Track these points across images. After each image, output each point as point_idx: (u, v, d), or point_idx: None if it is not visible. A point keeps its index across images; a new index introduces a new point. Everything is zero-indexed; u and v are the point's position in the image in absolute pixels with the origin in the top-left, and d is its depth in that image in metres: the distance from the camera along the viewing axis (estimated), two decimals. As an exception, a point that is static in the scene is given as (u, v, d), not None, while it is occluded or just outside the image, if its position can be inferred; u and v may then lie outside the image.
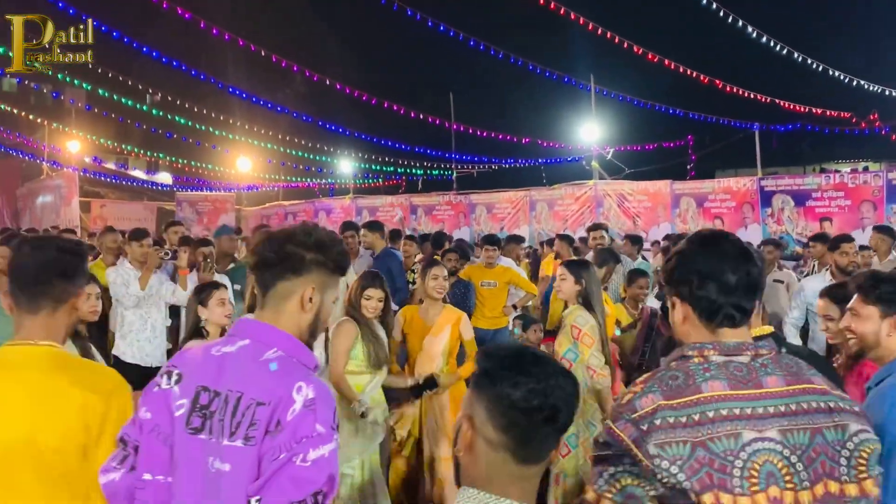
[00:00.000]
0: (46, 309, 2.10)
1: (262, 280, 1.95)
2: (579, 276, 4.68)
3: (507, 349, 1.61)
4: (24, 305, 2.11)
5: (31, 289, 2.11)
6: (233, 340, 1.89)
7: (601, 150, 20.12)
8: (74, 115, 28.67)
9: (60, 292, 2.13)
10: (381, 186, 29.18)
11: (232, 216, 25.33)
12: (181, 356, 1.97)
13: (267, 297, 1.95)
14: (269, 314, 1.93)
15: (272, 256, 1.93)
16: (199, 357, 1.90)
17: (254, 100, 23.51)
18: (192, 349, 1.98)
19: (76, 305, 2.18)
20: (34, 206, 25.60)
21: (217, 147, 28.16)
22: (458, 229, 18.09)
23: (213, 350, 1.89)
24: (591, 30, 16.80)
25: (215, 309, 4.08)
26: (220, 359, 1.85)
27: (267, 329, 1.90)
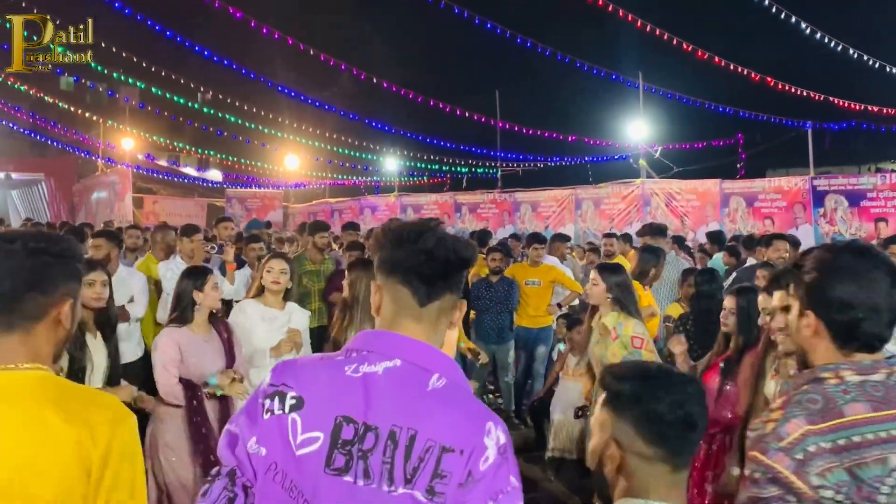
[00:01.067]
0: (21, 327, 1.64)
1: (425, 285, 1.58)
2: (610, 280, 4.67)
3: (633, 369, 1.71)
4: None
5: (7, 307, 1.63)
6: (372, 359, 1.53)
7: (649, 148, 19.91)
8: (128, 112, 29.39)
9: (34, 308, 1.64)
10: (425, 184, 29.32)
11: (280, 213, 25.73)
12: (289, 372, 1.59)
13: (425, 309, 1.59)
14: (422, 330, 1.59)
15: (453, 259, 1.59)
16: (322, 375, 1.54)
17: (302, 98, 23.84)
18: (300, 362, 1.64)
19: (60, 318, 1.68)
20: (89, 202, 26.35)
21: (266, 145, 28.60)
22: (502, 228, 18.08)
23: (345, 368, 1.53)
24: (640, 27, 16.63)
25: (210, 293, 4.24)
26: (363, 382, 1.51)
27: (425, 349, 1.56)
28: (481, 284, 7.63)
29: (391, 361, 1.52)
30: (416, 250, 1.57)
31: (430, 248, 1.57)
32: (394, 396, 1.49)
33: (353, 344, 1.60)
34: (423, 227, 1.61)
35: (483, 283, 7.64)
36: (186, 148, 31.58)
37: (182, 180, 32.49)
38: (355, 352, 1.56)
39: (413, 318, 1.58)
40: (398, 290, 1.60)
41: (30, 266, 1.63)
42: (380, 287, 1.65)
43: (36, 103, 27.16)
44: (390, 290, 1.61)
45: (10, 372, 1.60)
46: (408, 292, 1.58)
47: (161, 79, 22.82)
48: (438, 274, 1.58)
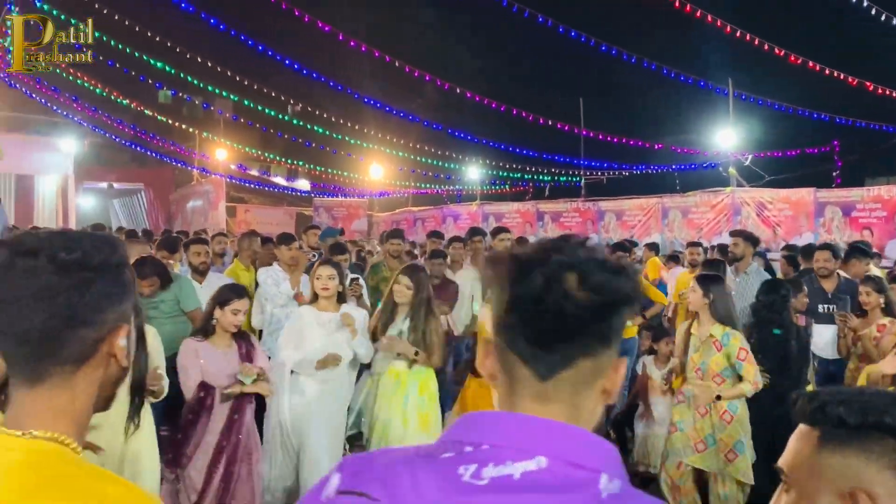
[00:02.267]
0: (55, 375, 1.11)
1: (540, 349, 1.04)
2: (707, 289, 4.72)
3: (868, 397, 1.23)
4: (16, 370, 1.12)
5: (25, 349, 1.10)
6: (501, 457, 1.00)
7: (739, 156, 19.37)
8: (222, 124, 30.51)
9: (77, 348, 1.12)
10: (508, 193, 29.30)
11: (364, 221, 26.23)
12: (369, 471, 1.04)
13: (550, 384, 1.05)
14: (558, 412, 1.05)
15: (582, 305, 1.02)
16: (423, 484, 1.00)
17: (387, 109, 24.26)
18: (383, 456, 1.06)
19: (113, 352, 1.15)
20: (185, 211, 27.51)
21: (352, 155, 29.19)
22: (586, 237, 17.92)
23: (459, 470, 0.99)
24: (729, 32, 16.22)
25: (228, 315, 4.27)
26: (490, 491, 0.97)
27: (579, 438, 1.03)
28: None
29: (531, 460, 1.00)
30: (521, 298, 1.04)
31: (536, 294, 1.03)
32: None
33: (458, 433, 1.06)
34: (538, 256, 1.05)
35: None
36: (277, 158, 32.53)
37: (272, 190, 33.45)
38: (469, 445, 1.03)
39: (534, 398, 1.06)
40: (507, 357, 1.07)
41: (65, 288, 1.10)
42: (489, 346, 1.11)
43: (136, 116, 28.52)
44: (500, 354, 1.09)
45: (11, 439, 1.08)
46: (517, 360, 1.06)
47: (253, 92, 23.63)
48: (554, 332, 1.04)
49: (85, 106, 24.45)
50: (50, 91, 22.79)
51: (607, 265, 1.04)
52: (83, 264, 1.12)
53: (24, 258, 1.10)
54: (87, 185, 26.64)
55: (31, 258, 1.10)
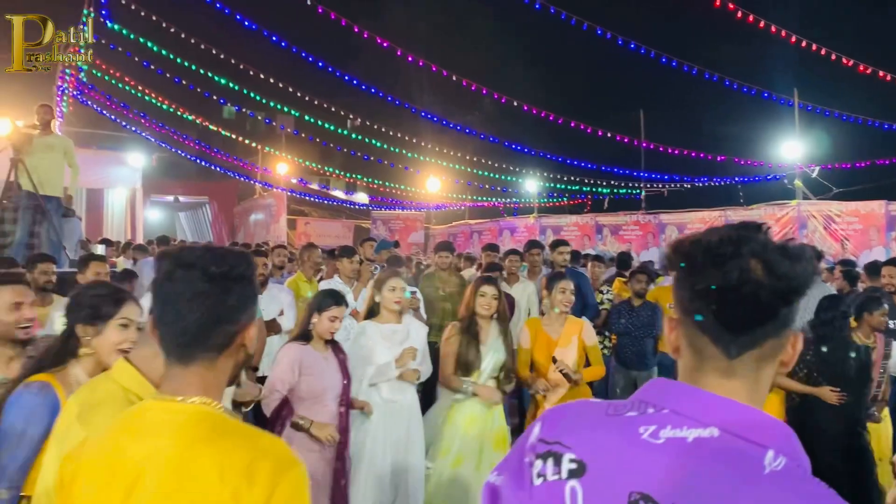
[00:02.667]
0: (202, 359, 1.49)
1: (730, 333, 1.15)
2: None
3: None
4: (172, 353, 1.50)
5: (182, 338, 1.48)
6: (677, 422, 1.14)
7: (805, 168, 18.83)
8: (284, 139, 31.11)
9: (221, 340, 1.49)
10: (565, 205, 29.08)
11: (421, 234, 26.36)
12: (565, 425, 1.23)
13: (737, 361, 1.16)
14: (736, 387, 1.16)
15: (772, 292, 1.12)
16: (610, 435, 1.17)
17: (444, 122, 24.38)
18: (578, 412, 1.25)
19: (244, 342, 1.53)
20: (248, 224, 28.10)
21: (409, 168, 29.41)
22: (646, 250, 17.64)
23: (640, 429, 1.15)
24: (794, 42, 15.82)
25: (325, 321, 4.28)
26: (668, 451, 1.11)
27: (752, 416, 1.13)
28: (623, 307, 7.48)
29: (705, 429, 1.12)
30: (717, 287, 1.13)
31: (733, 284, 1.12)
32: (714, 477, 1.07)
33: (646, 395, 1.21)
34: (728, 248, 1.14)
35: (625, 305, 7.48)
36: (336, 172, 32.98)
37: (331, 203, 33.90)
38: (651, 406, 1.18)
39: (720, 373, 1.17)
40: (698, 338, 1.18)
41: (213, 294, 1.46)
42: (675, 323, 1.24)
43: (202, 131, 29.31)
44: (687, 333, 1.21)
45: (174, 403, 1.45)
46: (708, 340, 1.17)
47: (314, 107, 24.03)
48: (749, 318, 1.14)
49: (152, 122, 25.26)
50: (119, 108, 23.64)
51: (789, 252, 1.14)
52: (227, 275, 1.48)
53: (184, 269, 1.46)
54: (155, 198, 27.40)
55: (189, 269, 1.46)
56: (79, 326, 2.56)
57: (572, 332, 5.08)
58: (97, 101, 23.10)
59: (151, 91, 22.68)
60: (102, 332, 2.56)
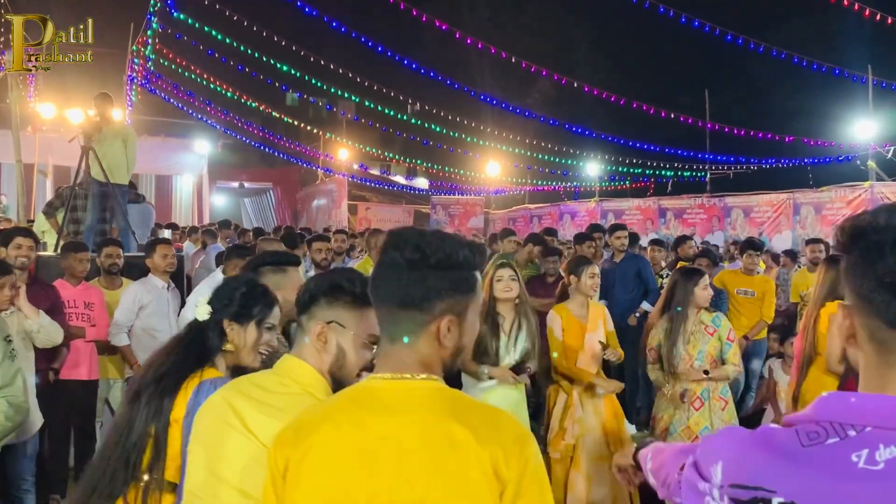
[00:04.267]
0: (419, 333, 1.50)
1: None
2: None
3: None
4: (388, 329, 1.53)
5: (396, 314, 1.51)
6: (888, 438, 1.00)
7: (879, 148, 18.09)
8: (345, 125, 31.42)
9: (415, 322, 1.50)
10: (627, 189, 28.62)
11: (481, 219, 26.34)
12: (756, 463, 1.06)
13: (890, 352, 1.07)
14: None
15: None
16: (818, 473, 1.01)
17: (503, 106, 24.25)
18: (767, 446, 1.08)
19: (439, 334, 1.51)
20: (310, 209, 28.55)
21: (468, 153, 29.38)
22: (710, 233, 17.26)
23: (851, 458, 1.00)
24: (868, 16, 15.17)
25: None
26: (888, 477, 0.98)
27: None
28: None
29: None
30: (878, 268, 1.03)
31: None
32: None
33: (832, 413, 1.06)
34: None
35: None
36: (396, 157, 33.15)
37: (392, 188, 34.12)
38: (852, 429, 1.03)
39: (873, 369, 1.08)
40: (881, 330, 1.07)
41: (410, 279, 1.48)
42: (849, 311, 1.12)
43: (265, 119, 29.83)
44: (869, 325, 1.08)
45: (406, 382, 1.47)
46: (892, 334, 1.06)
47: (374, 93, 24.18)
48: None
49: (217, 109, 25.83)
50: (185, 96, 24.24)
51: None
52: (415, 262, 1.47)
53: (392, 250, 1.49)
54: (220, 184, 28.03)
55: (395, 251, 1.49)
56: (226, 322, 2.51)
57: (598, 317, 5.04)
58: (164, 89, 23.75)
59: (216, 79, 23.19)
60: (247, 331, 2.52)
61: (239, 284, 2.60)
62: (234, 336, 2.50)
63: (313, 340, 1.91)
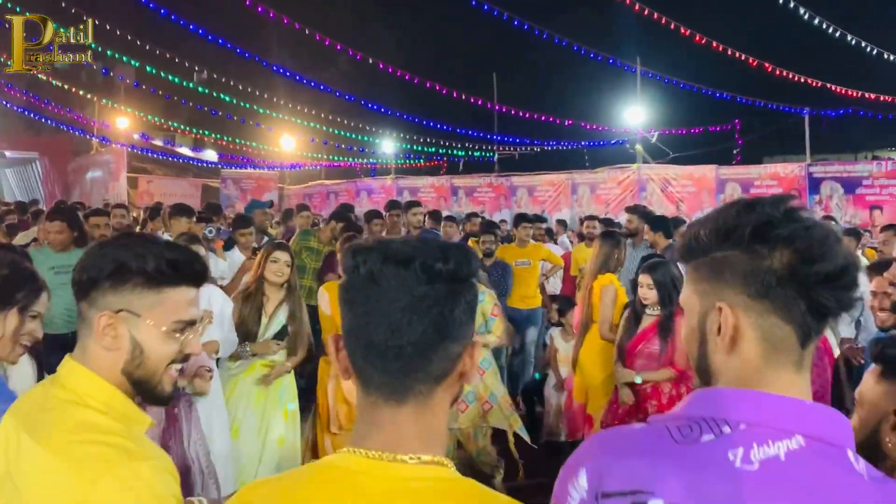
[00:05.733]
0: (418, 394, 1.06)
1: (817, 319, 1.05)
2: None
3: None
4: (378, 386, 1.06)
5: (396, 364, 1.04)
6: (762, 436, 1.00)
7: (646, 133, 19.89)
8: (123, 91, 29.23)
9: (443, 363, 1.06)
10: (422, 167, 29.24)
11: (275, 194, 25.65)
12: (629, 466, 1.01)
13: (807, 351, 1.07)
14: (802, 383, 1.07)
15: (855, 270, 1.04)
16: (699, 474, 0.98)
17: (298, 78, 23.71)
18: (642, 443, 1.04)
19: (465, 370, 1.09)
20: (84, 181, 26.25)
21: (261, 125, 28.48)
22: (498, 211, 18.07)
23: (728, 457, 0.99)
24: (638, 10, 16.56)
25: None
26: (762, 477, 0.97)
27: (827, 415, 1.05)
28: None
29: (791, 439, 1.00)
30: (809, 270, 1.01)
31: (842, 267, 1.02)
32: (825, 494, 0.98)
33: (706, 409, 1.05)
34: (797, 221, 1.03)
35: (476, 265, 7.65)
36: (181, 128, 31.44)
37: (177, 160, 32.36)
38: (727, 425, 1.02)
39: (793, 367, 1.06)
40: (778, 327, 1.05)
41: (439, 300, 1.04)
42: (735, 311, 1.07)
43: (30, 81, 26.96)
44: (761, 323, 1.05)
45: (406, 466, 1.03)
46: (790, 330, 1.04)
47: (156, 57, 22.69)
48: (841, 301, 1.04)
49: (-29, 68, 22.95)
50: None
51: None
52: (455, 276, 1.05)
53: (397, 267, 1.03)
54: (-25, 152, 25.08)
55: (404, 267, 1.03)
56: None
57: None
58: None
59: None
60: (7, 318, 2.17)
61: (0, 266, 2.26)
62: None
63: (98, 335, 1.47)
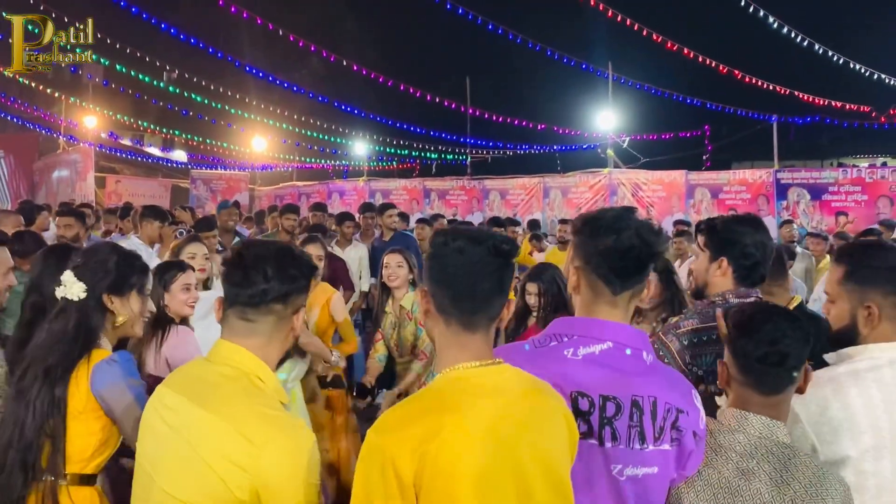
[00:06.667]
0: (484, 327, 1.66)
1: (619, 279, 1.82)
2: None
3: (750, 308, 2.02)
4: (461, 321, 1.66)
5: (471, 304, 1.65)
6: (585, 342, 1.79)
7: (617, 138, 20.04)
8: (91, 90, 28.75)
9: (499, 308, 1.69)
10: (395, 169, 29.17)
11: (246, 195, 25.41)
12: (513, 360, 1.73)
13: (620, 297, 1.83)
14: (618, 314, 1.84)
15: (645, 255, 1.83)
16: (546, 363, 1.77)
17: (270, 79, 23.53)
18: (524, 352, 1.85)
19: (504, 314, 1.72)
20: (50, 181, 25.77)
21: (232, 126, 28.19)
22: (470, 214, 18.09)
23: (564, 353, 1.79)
24: (611, 17, 16.70)
25: (178, 295, 3.50)
26: (582, 363, 1.77)
27: (630, 332, 1.83)
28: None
29: (603, 344, 1.78)
30: (611, 248, 1.79)
31: (626, 247, 1.78)
32: (617, 372, 1.76)
33: (557, 329, 1.85)
34: (620, 223, 1.80)
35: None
36: (151, 127, 31.03)
37: (146, 160, 31.92)
38: (566, 336, 1.82)
39: (609, 305, 1.83)
40: (594, 281, 1.84)
41: (497, 267, 1.65)
42: (578, 270, 1.87)
43: (-5, 78, 26.44)
44: (587, 278, 1.85)
45: (494, 367, 1.65)
46: (602, 284, 1.83)
47: (126, 56, 22.36)
48: (631, 269, 1.81)
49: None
50: None
51: (655, 230, 1.85)
52: (509, 253, 1.66)
53: (476, 246, 1.63)
54: (-63, 150, 24.49)
55: (479, 245, 1.63)
56: (105, 296, 2.36)
57: (317, 301, 4.72)
58: None
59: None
60: (131, 301, 2.42)
61: (108, 254, 2.41)
62: (119, 309, 2.36)
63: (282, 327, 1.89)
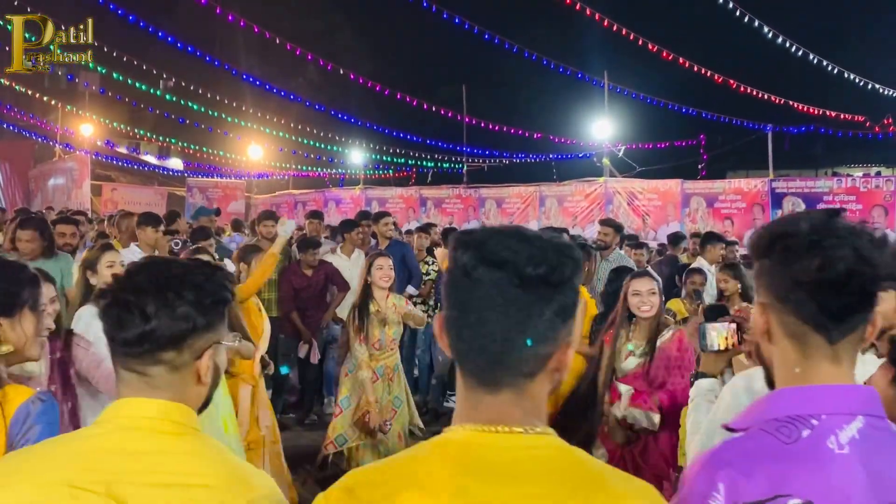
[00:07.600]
0: (510, 385, 1.12)
1: (835, 322, 1.22)
2: None
3: None
4: (474, 374, 1.14)
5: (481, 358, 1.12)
6: (838, 422, 1.20)
7: (613, 147, 20.09)
8: (88, 98, 28.75)
9: (534, 363, 1.12)
10: (391, 178, 29.18)
11: (242, 203, 25.41)
12: (762, 473, 1.18)
13: (840, 345, 1.24)
14: (844, 371, 1.25)
15: (869, 278, 1.21)
16: (815, 468, 1.18)
17: (267, 87, 23.57)
18: (760, 454, 1.20)
19: (561, 364, 1.15)
20: (46, 188, 25.75)
21: (229, 134, 28.20)
22: (466, 223, 18.10)
23: (828, 446, 1.18)
24: (607, 26, 16.78)
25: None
26: (854, 457, 1.18)
27: (869, 393, 1.26)
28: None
29: (858, 420, 1.20)
30: (818, 277, 1.19)
31: (842, 273, 1.18)
32: (891, 458, 1.20)
33: (790, 407, 1.23)
34: (826, 238, 1.19)
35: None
36: (147, 135, 31.03)
37: (142, 168, 31.90)
38: (815, 419, 1.20)
39: (829, 360, 1.24)
40: (797, 327, 1.24)
41: (524, 304, 1.09)
42: (767, 310, 1.29)
43: (-9, 85, 26.46)
44: (782, 322, 1.26)
45: (521, 436, 1.10)
46: (811, 330, 1.23)
47: (123, 64, 22.38)
48: (854, 305, 1.22)
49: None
50: None
51: (876, 240, 1.23)
52: (547, 279, 1.09)
53: (490, 268, 1.09)
54: (-67, 157, 24.47)
55: (496, 269, 1.08)
56: None
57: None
58: None
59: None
60: (23, 321, 2.02)
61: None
62: (7, 334, 1.99)
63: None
